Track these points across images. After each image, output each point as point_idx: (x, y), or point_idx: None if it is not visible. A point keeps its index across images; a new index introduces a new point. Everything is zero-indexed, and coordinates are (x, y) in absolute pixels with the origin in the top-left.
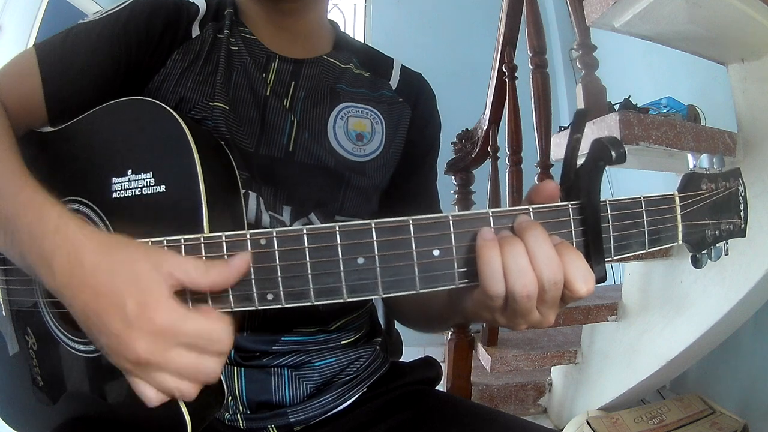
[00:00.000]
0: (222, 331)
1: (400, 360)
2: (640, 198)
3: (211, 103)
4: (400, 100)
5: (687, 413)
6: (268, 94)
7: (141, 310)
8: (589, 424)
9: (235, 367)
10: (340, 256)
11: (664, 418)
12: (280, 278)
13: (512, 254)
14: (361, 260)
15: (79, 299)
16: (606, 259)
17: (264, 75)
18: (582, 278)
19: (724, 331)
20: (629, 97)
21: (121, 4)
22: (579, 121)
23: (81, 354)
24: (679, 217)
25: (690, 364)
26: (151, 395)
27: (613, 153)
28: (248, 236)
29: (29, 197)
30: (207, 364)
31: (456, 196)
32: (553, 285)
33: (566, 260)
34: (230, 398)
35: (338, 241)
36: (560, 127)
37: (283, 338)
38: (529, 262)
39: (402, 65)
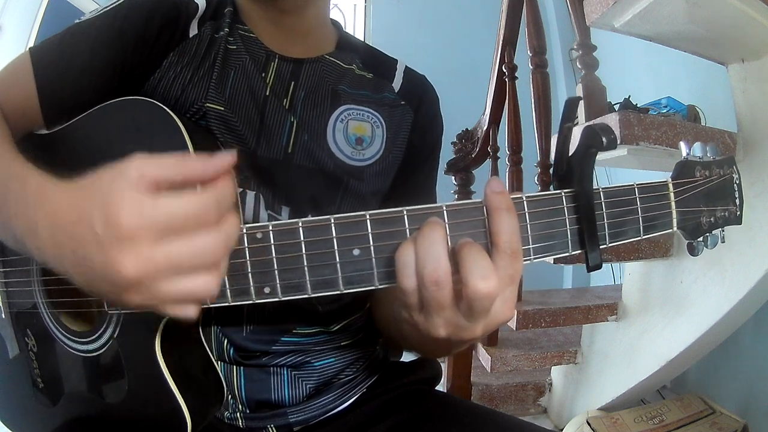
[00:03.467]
0: (195, 203)
1: (400, 360)
2: (633, 185)
3: (209, 104)
4: (403, 103)
5: (687, 413)
6: (267, 94)
7: (109, 225)
8: (589, 424)
9: (234, 366)
10: (336, 247)
11: (664, 418)
12: (276, 271)
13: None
14: (356, 251)
15: (66, 255)
16: (601, 246)
17: (263, 74)
18: (480, 275)
19: (724, 331)
20: (629, 97)
21: (117, 2)
22: (570, 110)
23: (81, 354)
24: (673, 204)
25: (690, 364)
26: (186, 311)
27: (604, 139)
28: (245, 230)
29: (13, 175)
30: (202, 244)
31: (456, 196)
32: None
33: (464, 256)
34: (230, 397)
35: (333, 234)
36: None
37: (282, 339)
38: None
39: (406, 66)
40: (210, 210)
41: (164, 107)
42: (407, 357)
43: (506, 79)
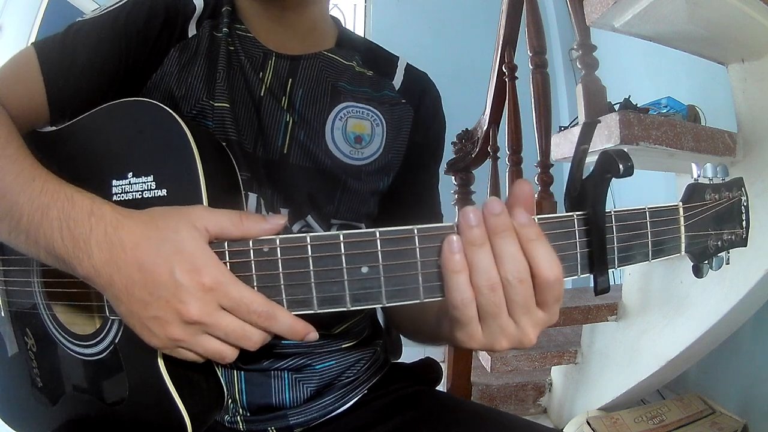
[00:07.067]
0: (262, 304)
1: (400, 360)
2: (644, 209)
3: (213, 103)
4: (403, 101)
5: (687, 413)
6: (262, 94)
7: (191, 275)
8: (589, 424)
9: (235, 371)
10: (344, 265)
11: (664, 418)
12: (282, 286)
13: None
14: (365, 269)
15: (122, 275)
16: (609, 269)
17: (261, 74)
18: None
19: (724, 331)
20: (629, 97)
21: (119, 2)
22: (586, 132)
23: (81, 357)
24: (682, 228)
25: (690, 364)
26: (196, 358)
27: (621, 166)
28: (251, 245)
29: (56, 188)
30: (251, 331)
31: (456, 196)
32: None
33: (531, 248)
34: (230, 401)
35: (342, 251)
36: (560, 127)
37: (283, 342)
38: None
39: (407, 64)
40: (265, 317)
41: (169, 109)
42: (407, 357)
43: (506, 79)
